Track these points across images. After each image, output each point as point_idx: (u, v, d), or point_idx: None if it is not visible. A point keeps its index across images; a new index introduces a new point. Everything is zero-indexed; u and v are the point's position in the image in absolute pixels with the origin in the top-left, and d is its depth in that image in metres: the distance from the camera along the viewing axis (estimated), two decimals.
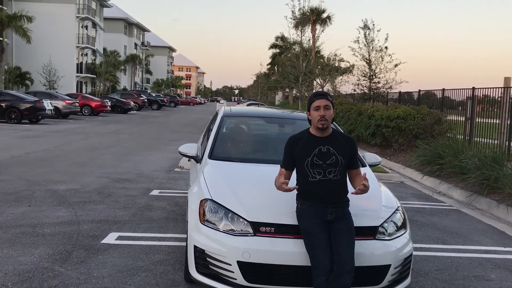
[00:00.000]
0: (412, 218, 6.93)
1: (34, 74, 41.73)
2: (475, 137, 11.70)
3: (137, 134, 19.42)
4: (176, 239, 5.36)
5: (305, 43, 34.17)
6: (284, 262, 3.38)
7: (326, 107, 3.46)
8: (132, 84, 71.17)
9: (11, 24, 34.55)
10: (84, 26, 49.95)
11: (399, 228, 3.75)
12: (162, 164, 11.12)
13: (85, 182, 8.47)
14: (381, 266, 3.50)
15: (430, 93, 15.61)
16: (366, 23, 20.72)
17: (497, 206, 7.59)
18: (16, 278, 4.07)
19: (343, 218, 3.41)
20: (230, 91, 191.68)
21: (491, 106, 12.14)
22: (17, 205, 6.61)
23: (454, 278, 4.65)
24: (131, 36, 71.76)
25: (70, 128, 20.90)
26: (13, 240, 5.07)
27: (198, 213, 3.71)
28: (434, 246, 5.72)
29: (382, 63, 20.80)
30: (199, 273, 3.61)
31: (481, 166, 8.69)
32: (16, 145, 13.44)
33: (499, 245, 5.95)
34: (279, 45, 59.05)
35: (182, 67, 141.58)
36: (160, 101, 51.54)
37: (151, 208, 6.77)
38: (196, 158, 4.90)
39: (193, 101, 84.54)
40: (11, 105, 21.77)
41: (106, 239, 5.26)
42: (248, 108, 7.32)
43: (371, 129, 14.67)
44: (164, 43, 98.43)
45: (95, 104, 32.18)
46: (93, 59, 53.26)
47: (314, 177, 3.42)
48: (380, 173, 10.53)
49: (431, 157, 10.65)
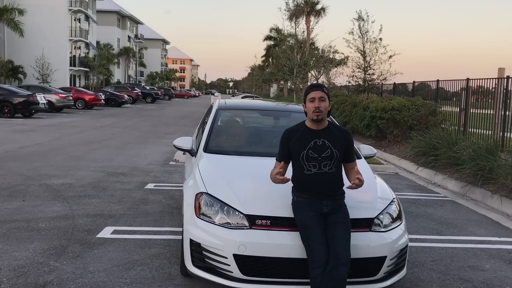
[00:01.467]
0: (407, 209, 6.96)
1: (27, 67, 41.41)
2: (469, 128, 11.74)
3: (132, 127, 19.35)
4: (171, 232, 5.35)
5: (300, 35, 34.10)
6: (280, 254, 3.38)
7: (321, 99, 3.45)
8: (126, 77, 70.84)
9: (2, 17, 34.29)
10: (77, 19, 49.56)
11: (394, 219, 3.76)
12: (157, 158, 11.09)
13: (79, 176, 8.44)
14: (376, 257, 3.51)
15: (425, 84, 15.63)
16: (361, 14, 20.71)
17: (491, 197, 7.63)
18: (11, 273, 4.05)
19: (338, 210, 3.41)
20: (224, 83, 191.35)
21: (485, 97, 12.18)
22: (12, 200, 6.57)
23: (449, 269, 4.68)
24: (124, 29, 71.30)
25: (64, 122, 20.79)
26: (7, 235, 5.05)
27: (194, 206, 3.70)
28: (429, 237, 5.75)
29: (376, 54, 20.80)
30: (195, 267, 3.61)
31: (475, 157, 8.72)
32: (10, 140, 13.35)
33: (493, 235, 5.99)
34: (273, 37, 58.86)
35: (176, 59, 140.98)
36: (154, 94, 51.35)
37: (146, 202, 6.76)
38: (191, 152, 4.88)
39: (188, 94, 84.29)
40: (4, 99, 21.61)
41: (102, 233, 5.25)
42: (243, 101, 7.30)
43: (366, 121, 14.68)
44: (158, 35, 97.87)
45: (89, 98, 32.01)
46: (86, 52, 52.91)
47: (309, 170, 3.42)
48: (375, 165, 10.55)
49: (425, 148, 10.68)
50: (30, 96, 22.07)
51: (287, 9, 32.07)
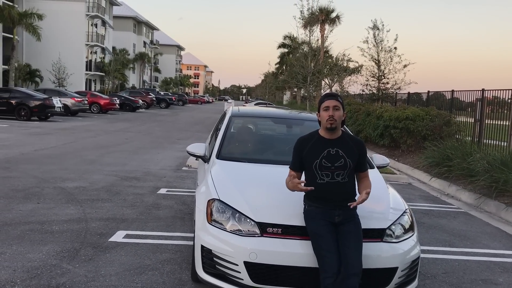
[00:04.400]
0: (419, 220, 6.90)
1: (44, 71, 42.02)
2: (484, 139, 11.62)
3: (145, 132, 19.49)
4: (183, 238, 5.37)
5: (314, 43, 34.04)
6: (291, 263, 3.38)
7: (335, 108, 3.45)
8: (140, 83, 71.43)
9: (21, 22, 34.78)
10: (94, 24, 50.21)
11: (406, 230, 3.73)
12: (169, 163, 11.15)
13: (93, 179, 8.52)
14: (388, 268, 3.49)
15: (439, 94, 15.52)
16: (376, 23, 20.70)
17: (506, 209, 7.53)
18: (25, 274, 4.10)
19: (350, 220, 3.41)
20: (238, 90, 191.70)
21: (501, 108, 12.05)
22: (26, 202, 6.66)
23: (462, 281, 4.62)
24: (140, 35, 72.02)
25: (79, 125, 21.03)
26: (22, 237, 5.11)
27: (206, 213, 3.72)
28: (441, 248, 5.69)
29: (391, 63, 20.76)
30: (206, 273, 3.62)
31: (490, 169, 8.62)
32: (25, 142, 13.54)
33: (507, 248, 5.90)
34: (287, 45, 58.87)
35: (191, 65, 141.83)
36: (169, 100, 51.68)
37: (158, 207, 6.80)
38: (204, 158, 4.91)
39: (201, 100, 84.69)
40: (20, 102, 21.96)
41: (114, 237, 5.29)
42: (256, 108, 7.32)
43: (380, 130, 14.61)
44: (173, 41, 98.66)
45: (104, 102, 32.33)
46: (102, 57, 53.51)
47: (322, 179, 3.41)
48: (388, 174, 10.49)
49: (439, 159, 10.59)
50: (46, 100, 22.37)
51: (302, 17, 32.00)
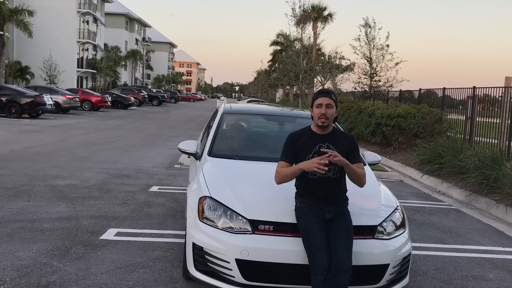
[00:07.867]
0: (411, 217, 6.93)
1: (35, 68, 41.71)
2: (475, 136, 11.70)
3: (137, 129, 19.41)
4: (175, 235, 5.36)
5: (306, 41, 34.08)
6: (283, 260, 3.38)
7: (328, 106, 3.45)
8: (132, 80, 71.12)
9: (12, 18, 34.50)
10: (85, 21, 49.90)
11: (398, 227, 3.74)
12: (161, 160, 11.12)
13: (84, 177, 8.47)
14: (379, 265, 3.50)
15: (431, 92, 15.59)
16: (367, 21, 20.72)
17: (496, 206, 7.59)
18: (15, 273, 4.07)
19: (341, 217, 3.41)
20: (230, 87, 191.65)
21: (492, 105, 12.13)
22: (16, 200, 6.61)
23: (453, 278, 4.65)
24: (132, 32, 71.67)
25: (70, 123, 20.89)
26: (11, 235, 5.07)
27: (197, 210, 3.71)
28: (433, 245, 5.72)
29: (383, 61, 20.79)
30: (197, 271, 3.61)
31: (480, 166, 8.68)
32: (16, 140, 13.43)
33: (498, 245, 5.95)
34: (280, 42, 58.87)
35: (183, 63, 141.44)
36: (161, 97, 51.50)
37: (150, 205, 6.77)
38: (195, 155, 4.89)
39: (194, 97, 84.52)
40: (11, 100, 21.74)
41: (105, 235, 5.26)
42: (248, 106, 7.31)
43: (371, 128, 14.65)
44: (165, 39, 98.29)
45: (96, 99, 32.15)
46: (94, 54, 53.22)
47: (313, 175, 3.41)
48: (380, 172, 10.53)
49: (431, 156, 10.65)
50: (37, 97, 22.18)
51: (293, 15, 31.99)
